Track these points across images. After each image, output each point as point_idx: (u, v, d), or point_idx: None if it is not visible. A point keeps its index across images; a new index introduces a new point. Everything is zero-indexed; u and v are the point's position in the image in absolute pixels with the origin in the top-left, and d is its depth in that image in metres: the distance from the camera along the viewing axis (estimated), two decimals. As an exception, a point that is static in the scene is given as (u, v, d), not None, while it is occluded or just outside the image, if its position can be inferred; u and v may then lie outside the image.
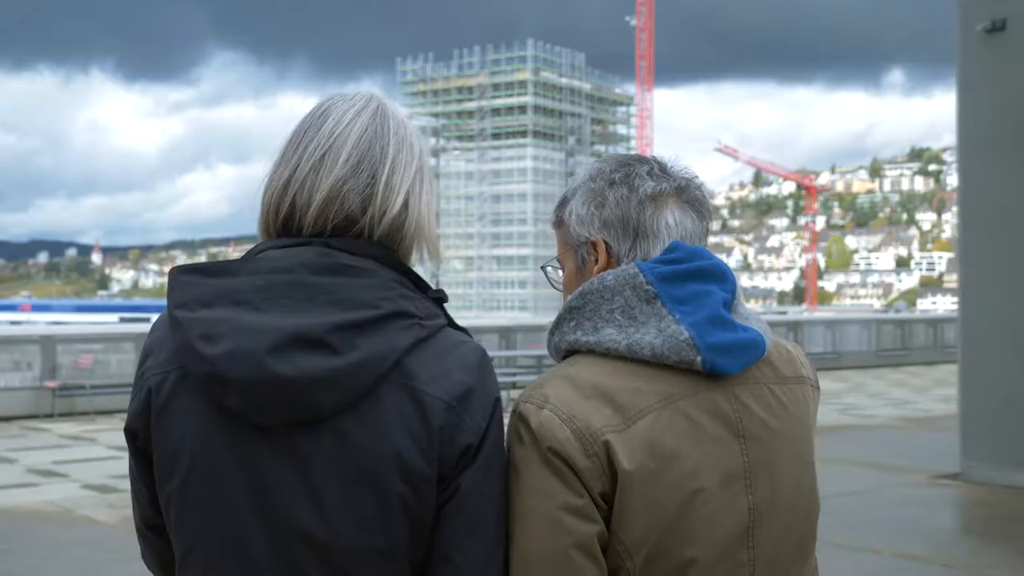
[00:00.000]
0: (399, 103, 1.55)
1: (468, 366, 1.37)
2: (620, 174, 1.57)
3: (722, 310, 1.47)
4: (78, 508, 8.45)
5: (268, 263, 1.35)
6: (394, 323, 1.32)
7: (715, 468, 1.44)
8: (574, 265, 1.60)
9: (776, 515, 1.49)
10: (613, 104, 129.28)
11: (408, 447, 1.30)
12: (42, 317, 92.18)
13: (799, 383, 1.57)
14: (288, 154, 1.43)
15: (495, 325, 21.82)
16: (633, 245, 1.54)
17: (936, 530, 8.07)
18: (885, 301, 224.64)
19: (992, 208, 9.64)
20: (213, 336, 1.28)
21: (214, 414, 1.32)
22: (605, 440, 1.39)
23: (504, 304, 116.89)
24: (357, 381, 1.29)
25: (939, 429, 13.62)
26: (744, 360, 1.47)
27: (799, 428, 1.54)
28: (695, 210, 1.58)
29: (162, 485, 1.39)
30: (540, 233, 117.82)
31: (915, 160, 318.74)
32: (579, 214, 1.58)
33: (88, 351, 15.98)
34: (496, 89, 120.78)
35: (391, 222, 1.41)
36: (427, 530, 1.35)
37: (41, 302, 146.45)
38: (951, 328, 29.05)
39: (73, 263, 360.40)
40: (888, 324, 28.28)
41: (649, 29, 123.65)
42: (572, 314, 1.50)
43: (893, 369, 25.15)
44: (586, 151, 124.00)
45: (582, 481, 1.38)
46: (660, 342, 1.43)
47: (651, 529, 1.40)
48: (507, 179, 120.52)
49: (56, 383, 15.12)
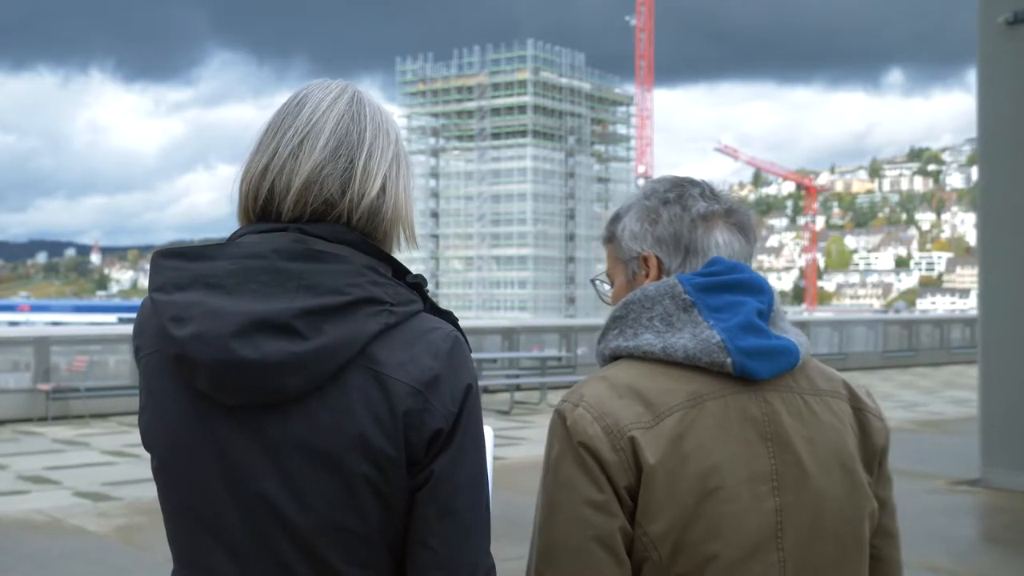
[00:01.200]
0: (398, 103, 1.49)
1: (437, 352, 1.39)
2: (674, 194, 1.65)
3: (755, 318, 1.53)
4: (68, 518, 8.15)
5: (244, 248, 1.38)
6: (362, 309, 1.35)
7: (740, 468, 1.49)
8: (624, 279, 1.68)
9: (807, 519, 1.52)
10: (613, 104, 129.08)
11: (372, 429, 1.34)
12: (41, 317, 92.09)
13: (835, 397, 1.61)
14: (265, 142, 1.46)
15: (497, 326, 21.50)
16: (683, 261, 1.62)
17: (960, 539, 7.81)
18: (885, 301, 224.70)
19: (1014, 206, 9.32)
20: (183, 319, 1.33)
21: (188, 394, 1.37)
22: (631, 436, 1.47)
23: (504, 304, 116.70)
24: (323, 366, 1.32)
25: (953, 432, 13.41)
26: (775, 366, 1.53)
27: (832, 436, 1.57)
28: (742, 232, 1.66)
29: (152, 458, 1.45)
30: (540, 233, 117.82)
31: (914, 160, 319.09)
32: (632, 230, 1.66)
33: (83, 352, 15.67)
34: (496, 89, 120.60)
35: (369, 205, 1.44)
36: (400, 513, 1.38)
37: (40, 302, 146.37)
38: (957, 329, 28.89)
39: (72, 263, 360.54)
40: (894, 325, 28.06)
41: (649, 29, 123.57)
42: (616, 323, 1.59)
43: (900, 370, 24.89)
44: (586, 151, 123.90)
45: (608, 475, 1.46)
46: (693, 345, 1.51)
47: (674, 522, 1.46)
48: (507, 179, 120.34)
49: (50, 385, 14.80)
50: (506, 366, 18.80)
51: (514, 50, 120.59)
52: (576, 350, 20.87)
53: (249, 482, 1.35)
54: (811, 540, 1.52)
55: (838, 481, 1.55)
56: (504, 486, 1.81)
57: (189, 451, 1.38)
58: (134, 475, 10.00)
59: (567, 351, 20.41)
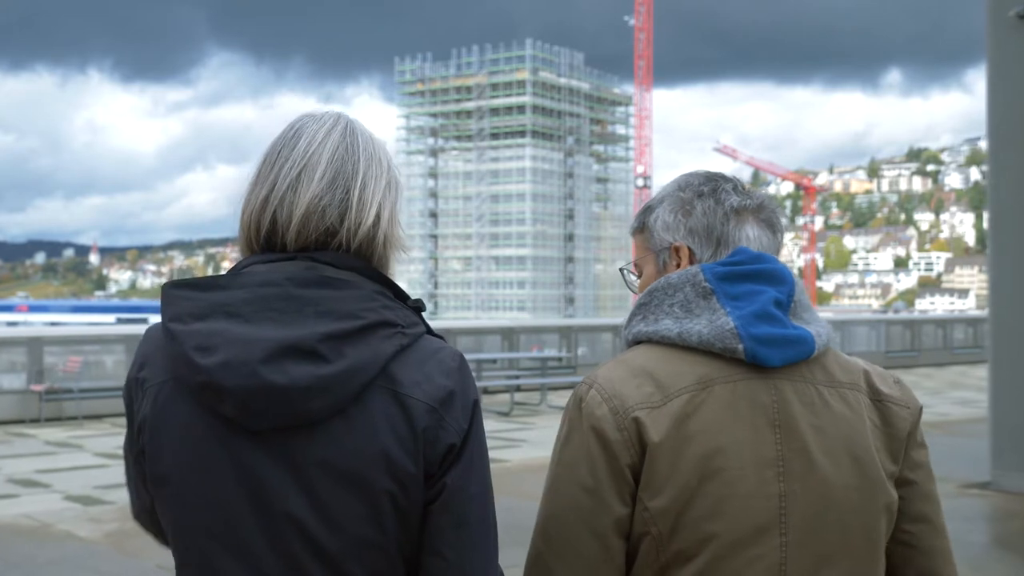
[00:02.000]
0: (397, 103, 1.53)
1: (448, 371, 1.46)
2: (708, 187, 1.69)
3: (772, 307, 1.55)
4: (58, 522, 7.95)
5: (257, 277, 1.43)
6: (378, 332, 1.41)
7: (745, 452, 1.52)
8: (654, 268, 1.71)
9: (811, 507, 1.53)
10: (612, 104, 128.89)
11: (394, 447, 1.39)
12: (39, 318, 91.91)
13: (852, 389, 1.62)
14: (264, 173, 1.51)
15: (497, 326, 21.26)
16: (714, 253, 1.65)
17: (972, 545, 7.61)
18: (883, 301, 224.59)
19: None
20: (208, 347, 1.37)
21: (208, 421, 1.40)
22: (635, 416, 1.52)
23: (503, 304, 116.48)
24: (346, 387, 1.37)
25: (960, 434, 13.22)
26: (787, 354, 1.55)
27: (843, 427, 1.57)
28: (770, 228, 1.69)
29: (158, 489, 1.45)
30: (539, 233, 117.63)
31: (913, 160, 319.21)
32: (665, 220, 1.69)
33: (77, 353, 15.44)
34: (495, 89, 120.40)
35: (367, 233, 1.50)
36: (416, 526, 1.44)
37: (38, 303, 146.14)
38: (960, 329, 28.71)
39: (71, 263, 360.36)
40: (897, 325, 27.85)
41: (648, 29, 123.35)
42: (640, 309, 1.64)
43: (903, 371, 24.65)
44: (585, 151, 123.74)
45: (611, 454, 1.52)
46: (708, 331, 1.55)
47: (675, 499, 1.50)
48: (505, 179, 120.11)
49: (43, 387, 14.57)
50: (506, 367, 18.59)
51: (513, 50, 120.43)
52: (576, 350, 20.67)
53: (276, 503, 1.38)
54: (815, 528, 1.53)
55: (847, 472, 1.55)
56: (506, 490, 1.68)
57: (211, 476, 1.40)
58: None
59: (567, 351, 20.20)
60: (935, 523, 1.67)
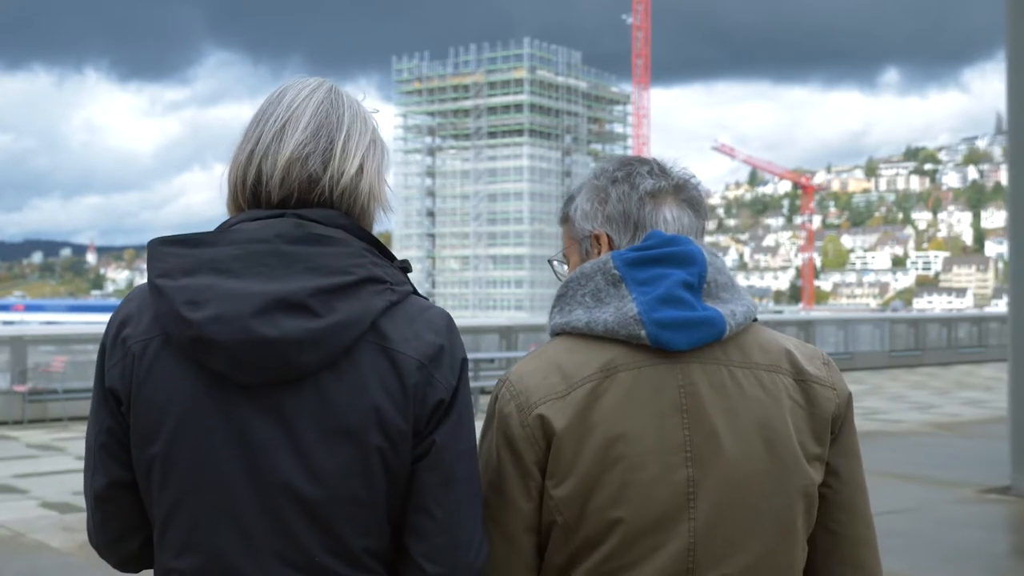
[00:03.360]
0: (394, 102, 1.56)
1: (437, 328, 1.48)
2: (622, 172, 1.69)
3: (678, 290, 1.53)
4: (31, 532, 7.52)
5: (245, 234, 1.43)
6: (368, 288, 1.42)
7: (648, 438, 1.52)
8: (578, 258, 1.72)
9: (721, 491, 1.52)
10: (610, 103, 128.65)
11: (385, 402, 1.40)
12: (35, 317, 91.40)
13: (770, 370, 1.59)
14: (250, 132, 1.53)
15: (495, 324, 20.84)
16: (633, 238, 1.64)
17: (997, 556, 7.22)
18: (881, 300, 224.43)
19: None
20: (198, 302, 1.37)
21: (198, 376, 1.40)
22: (539, 412, 1.54)
23: (500, 304, 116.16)
24: (337, 341, 1.38)
25: (973, 435, 12.85)
26: (693, 337, 1.53)
27: (756, 409, 1.55)
28: (692, 208, 1.68)
29: (144, 448, 1.43)
30: (536, 232, 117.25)
31: (911, 159, 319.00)
32: (584, 209, 1.71)
33: (63, 352, 15.00)
34: (492, 87, 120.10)
35: (349, 183, 1.50)
36: (403, 483, 1.44)
37: (34, 302, 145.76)
38: (964, 327, 28.32)
39: (68, 263, 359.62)
40: (901, 324, 27.41)
41: (645, 28, 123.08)
42: (558, 301, 1.65)
43: (907, 370, 24.28)
44: (583, 150, 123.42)
45: (516, 450, 1.54)
46: (613, 319, 1.55)
47: (578, 487, 1.51)
48: (503, 178, 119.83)
49: (26, 387, 14.12)
50: (504, 366, 18.17)
51: (510, 48, 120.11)
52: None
53: (264, 457, 1.39)
54: (725, 512, 1.52)
55: (759, 455, 1.54)
56: None
57: (201, 431, 1.40)
58: (108, 484, 9.32)
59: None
60: (862, 512, 1.65)
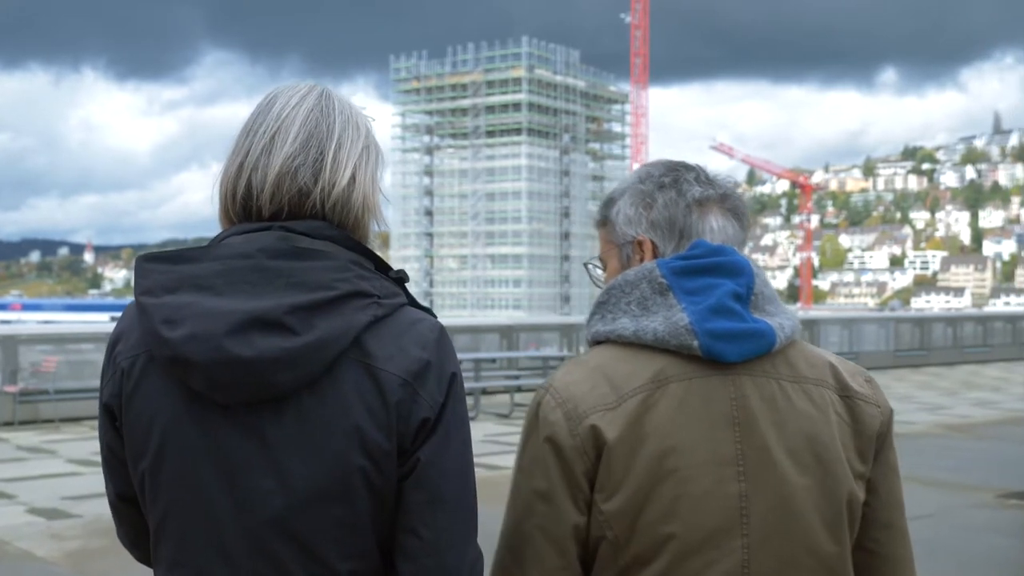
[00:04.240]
0: (392, 101, 1.55)
1: (424, 343, 1.42)
2: (669, 178, 1.64)
3: (729, 301, 1.51)
4: (16, 539, 7.23)
5: (229, 249, 1.41)
6: (351, 303, 1.38)
7: (701, 451, 1.48)
8: (618, 263, 1.67)
9: (773, 506, 1.49)
10: (608, 102, 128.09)
11: (367, 422, 1.37)
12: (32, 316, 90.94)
13: (817, 385, 1.57)
14: (240, 143, 1.50)
15: (496, 324, 20.52)
16: (677, 246, 1.61)
17: (1021, 564, 6.90)
18: (879, 300, 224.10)
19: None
20: (175, 320, 1.35)
21: (180, 394, 1.38)
22: (591, 424, 1.49)
23: (498, 303, 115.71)
24: (315, 360, 1.35)
25: (987, 438, 12.57)
26: (745, 349, 1.50)
27: (805, 424, 1.53)
28: (736, 218, 1.65)
29: (135, 463, 1.44)
30: (535, 232, 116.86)
31: (908, 159, 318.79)
32: (627, 214, 1.65)
33: (55, 352, 14.67)
34: (490, 86, 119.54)
35: (341, 194, 1.46)
36: (390, 504, 1.41)
37: (31, 301, 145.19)
38: (969, 326, 28.04)
39: (65, 262, 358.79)
40: (905, 323, 27.10)
41: (644, 27, 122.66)
42: (599, 309, 1.60)
43: (913, 370, 24.01)
44: (581, 149, 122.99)
45: (565, 460, 1.49)
46: (663, 328, 1.51)
47: (629, 501, 1.47)
48: (501, 177, 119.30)
49: (17, 387, 13.80)
50: (505, 366, 17.86)
51: (509, 47, 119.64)
52: (578, 349, 19.93)
53: (243, 478, 1.36)
54: (778, 529, 1.49)
55: (810, 470, 1.51)
56: (504, 497, 1.58)
57: (182, 450, 1.38)
58: (98, 488, 8.97)
59: (568, 350, 19.46)
60: (900, 532, 1.62)
